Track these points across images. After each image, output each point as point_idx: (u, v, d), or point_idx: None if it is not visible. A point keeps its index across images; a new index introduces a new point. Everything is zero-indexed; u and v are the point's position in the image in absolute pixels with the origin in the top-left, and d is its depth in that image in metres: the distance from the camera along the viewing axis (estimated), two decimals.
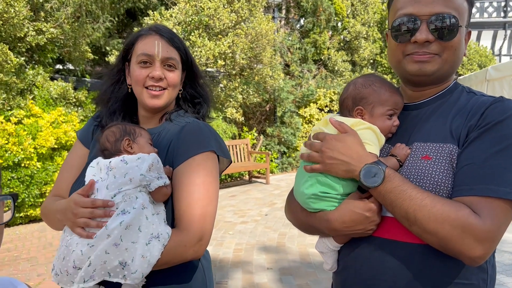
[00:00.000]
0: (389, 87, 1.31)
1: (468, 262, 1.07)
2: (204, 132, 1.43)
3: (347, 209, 1.20)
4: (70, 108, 7.45)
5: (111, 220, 1.23)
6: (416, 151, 1.20)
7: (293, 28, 12.78)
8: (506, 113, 1.12)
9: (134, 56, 1.47)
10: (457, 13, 1.19)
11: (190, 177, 1.35)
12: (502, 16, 17.16)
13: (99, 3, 7.18)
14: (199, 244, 1.31)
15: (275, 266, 4.67)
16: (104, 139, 1.39)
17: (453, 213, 1.04)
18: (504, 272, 4.41)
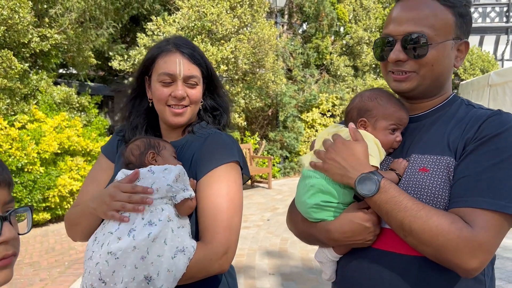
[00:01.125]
0: (395, 102, 1.32)
1: (463, 274, 1.08)
2: (227, 143, 1.43)
3: (346, 219, 1.22)
4: (73, 113, 7.49)
5: (139, 230, 1.20)
6: (413, 163, 1.21)
7: (296, 33, 12.82)
8: (503, 127, 1.13)
9: (155, 74, 1.45)
10: (431, 30, 1.20)
11: (215, 188, 1.33)
12: (504, 21, 17.17)
13: (103, 9, 7.23)
14: (224, 257, 1.28)
15: (277, 271, 4.67)
16: (128, 153, 1.39)
17: (447, 225, 1.05)
18: (506, 278, 4.40)
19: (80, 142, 6.82)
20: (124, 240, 1.19)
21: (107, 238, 1.22)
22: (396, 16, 1.25)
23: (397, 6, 1.27)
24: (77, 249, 5.51)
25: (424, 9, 1.21)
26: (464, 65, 15.09)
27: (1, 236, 0.77)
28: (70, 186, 6.48)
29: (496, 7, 17.25)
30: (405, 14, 1.23)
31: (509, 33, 17.00)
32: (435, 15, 1.21)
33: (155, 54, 1.46)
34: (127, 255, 1.17)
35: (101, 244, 1.22)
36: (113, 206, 1.24)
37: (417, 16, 1.21)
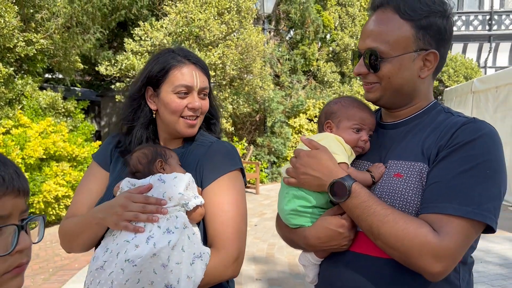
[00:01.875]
0: (358, 104, 1.40)
1: (429, 277, 1.11)
2: (231, 151, 1.46)
3: (321, 225, 1.26)
4: (59, 118, 7.43)
5: (159, 238, 1.19)
6: (389, 169, 1.25)
7: (283, 40, 12.92)
8: (476, 134, 1.16)
9: (168, 85, 1.44)
10: (386, 45, 1.24)
11: (223, 195, 1.36)
12: (487, 29, 17.54)
13: (90, 15, 7.21)
14: (236, 263, 1.31)
15: (264, 276, 4.69)
16: (135, 161, 1.39)
17: (413, 231, 1.09)
18: (489, 282, 4.48)
19: (66, 148, 6.76)
20: (143, 248, 1.17)
21: (123, 247, 1.20)
22: (363, 30, 1.32)
23: (368, 19, 1.34)
24: (62, 256, 5.45)
25: (383, 25, 1.25)
26: (448, 72, 15.36)
27: (18, 245, 0.78)
28: (56, 192, 6.41)
29: (479, 15, 17.61)
30: (368, 29, 1.29)
31: (492, 41, 17.36)
32: (391, 30, 1.24)
33: (168, 65, 1.45)
34: (145, 262, 1.16)
35: (116, 253, 1.20)
36: (125, 216, 1.23)
37: (375, 32, 1.26)
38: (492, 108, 9.55)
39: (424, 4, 1.24)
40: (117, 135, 1.60)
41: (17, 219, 0.81)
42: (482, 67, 17.15)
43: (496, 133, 1.20)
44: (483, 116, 9.99)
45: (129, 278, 1.15)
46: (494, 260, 5.16)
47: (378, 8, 1.29)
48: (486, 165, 1.13)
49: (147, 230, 1.22)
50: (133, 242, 1.20)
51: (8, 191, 0.78)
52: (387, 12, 1.26)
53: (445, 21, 1.26)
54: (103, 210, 1.31)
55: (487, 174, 1.12)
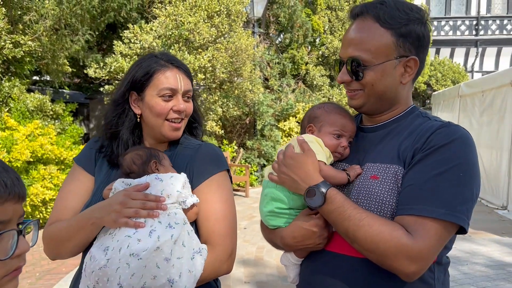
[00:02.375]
0: (340, 111, 1.44)
1: (404, 278, 1.15)
2: (218, 153, 1.53)
3: (296, 225, 1.32)
4: (47, 121, 7.36)
5: (162, 232, 1.22)
6: (366, 171, 1.28)
7: (273, 43, 12.96)
8: (450, 138, 1.20)
9: (153, 89, 1.46)
10: (367, 54, 1.27)
11: (215, 194, 1.43)
12: (474, 34, 17.79)
13: (79, 17, 7.16)
14: (230, 259, 1.38)
15: (252, 279, 4.69)
16: (130, 162, 1.41)
17: (387, 234, 1.12)
18: (475, 284, 4.54)
19: (54, 151, 6.70)
20: (146, 241, 1.19)
21: (125, 242, 1.21)
22: (344, 39, 1.35)
23: (349, 27, 1.36)
24: (48, 260, 5.38)
25: (364, 33, 1.28)
26: (436, 76, 15.53)
27: (17, 250, 0.80)
28: (43, 195, 6.35)
29: (466, 20, 17.86)
30: (349, 38, 1.32)
31: (478, 45, 17.62)
32: (373, 39, 1.27)
33: (151, 70, 1.47)
34: (150, 256, 1.17)
35: (118, 249, 1.20)
36: (125, 213, 1.25)
37: (357, 41, 1.29)
38: (478, 112, 9.69)
39: (403, 12, 1.28)
40: (99, 139, 1.60)
41: (15, 224, 0.83)
42: (469, 72, 17.38)
43: (470, 137, 1.24)
44: (469, 120, 10.13)
45: (135, 272, 1.16)
46: (480, 262, 5.23)
47: (358, 17, 1.32)
48: (459, 168, 1.16)
49: (147, 225, 1.24)
50: (135, 236, 1.21)
51: (10, 196, 0.80)
52: (367, 20, 1.29)
53: (423, 28, 1.30)
54: (99, 210, 1.31)
55: (460, 177, 1.16)
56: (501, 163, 8.44)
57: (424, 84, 15.35)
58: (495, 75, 9.20)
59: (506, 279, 4.69)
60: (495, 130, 8.82)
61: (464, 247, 5.77)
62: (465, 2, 17.87)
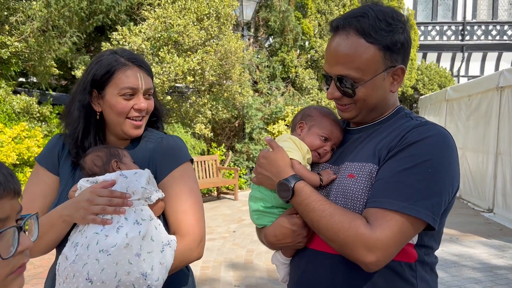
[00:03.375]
0: (334, 119, 1.48)
1: (364, 268, 1.17)
2: (181, 144, 1.56)
3: (277, 224, 1.36)
4: (34, 123, 7.26)
5: (130, 228, 1.27)
6: (344, 170, 1.32)
7: (262, 46, 12.99)
8: (422, 136, 1.22)
9: (114, 88, 1.46)
10: (358, 71, 1.26)
11: (180, 186, 1.46)
12: (460, 39, 18.05)
13: (66, 19, 7.09)
14: (200, 246, 1.43)
15: (242, 283, 4.67)
16: (91, 164, 1.43)
17: (347, 223, 1.16)
18: (462, 286, 4.59)
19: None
20: (114, 237, 1.24)
21: (93, 239, 1.25)
22: (329, 55, 1.32)
23: (331, 41, 1.32)
24: (35, 264, 5.31)
25: (350, 50, 1.25)
26: (423, 80, 15.72)
27: (19, 246, 0.80)
28: None
29: (452, 25, 18.12)
30: (334, 55, 1.29)
31: (464, 50, 17.88)
32: (360, 56, 1.25)
33: (112, 68, 1.46)
34: (120, 252, 1.22)
35: (86, 246, 1.24)
36: (92, 210, 1.28)
37: (344, 59, 1.27)
38: (465, 116, 9.82)
39: (385, 22, 1.25)
40: (61, 137, 1.59)
41: (14, 220, 0.82)
42: (455, 76, 17.62)
43: (446, 135, 1.24)
44: (456, 123, 10.27)
45: (104, 267, 1.20)
46: (468, 264, 5.29)
47: (339, 30, 1.30)
48: (428, 164, 1.17)
49: (114, 222, 1.28)
50: (103, 233, 1.26)
51: (5, 193, 0.79)
52: (350, 36, 1.26)
53: (405, 34, 1.30)
54: (68, 207, 1.34)
55: (428, 173, 1.17)
56: (487, 166, 8.56)
57: (411, 89, 15.52)
58: (481, 80, 9.34)
59: (493, 281, 4.75)
60: (481, 134, 8.95)
61: (452, 249, 5.83)
62: (451, 8, 18.14)
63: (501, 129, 8.09)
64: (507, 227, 7.24)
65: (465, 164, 9.63)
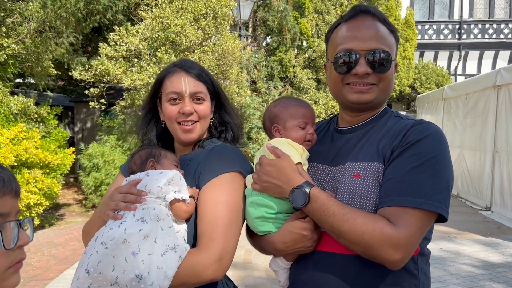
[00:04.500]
0: (296, 102, 1.50)
1: (390, 266, 1.20)
2: (230, 154, 1.48)
3: (286, 230, 1.33)
4: (32, 124, 7.25)
5: (130, 224, 1.27)
6: (348, 170, 1.33)
7: (260, 46, 12.98)
8: (423, 134, 1.27)
9: (164, 95, 1.53)
10: (389, 48, 1.36)
11: (214, 195, 1.37)
12: (456, 38, 18.09)
13: (63, 20, 7.08)
14: (218, 264, 1.28)
15: (241, 283, 4.68)
16: (132, 162, 1.50)
17: (371, 225, 1.18)
18: (460, 284, 4.60)
19: (39, 154, 6.60)
20: (114, 231, 1.26)
21: (101, 231, 1.30)
22: (355, 34, 1.37)
23: (350, 25, 1.39)
24: (33, 266, 5.30)
25: (381, 30, 1.37)
26: (421, 79, 15.74)
27: (19, 241, 0.85)
28: (27, 200, 6.24)
29: (449, 24, 18.15)
30: (366, 32, 1.36)
31: (461, 49, 17.91)
32: (388, 37, 1.38)
33: (162, 76, 1.55)
34: (117, 247, 1.22)
35: (95, 237, 1.29)
36: (110, 205, 1.35)
37: (378, 35, 1.36)
38: (462, 114, 9.85)
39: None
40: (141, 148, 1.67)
41: (14, 218, 0.87)
42: (452, 75, 17.65)
43: (441, 132, 1.32)
44: (453, 122, 10.29)
45: (101, 260, 1.21)
46: (466, 262, 5.31)
47: (366, 14, 1.38)
48: (434, 160, 1.23)
49: (124, 217, 1.31)
50: (109, 226, 1.29)
51: (7, 191, 0.85)
52: (377, 21, 1.37)
53: None
54: (101, 205, 1.44)
55: (436, 169, 1.22)
56: (484, 164, 8.59)
57: (409, 87, 15.54)
58: (478, 78, 9.37)
59: (491, 279, 4.76)
60: (478, 132, 8.98)
61: (450, 247, 5.85)
62: (448, 7, 18.17)
63: (498, 128, 8.12)
64: (505, 225, 7.27)
65: (463, 162, 9.65)
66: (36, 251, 5.91)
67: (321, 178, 1.41)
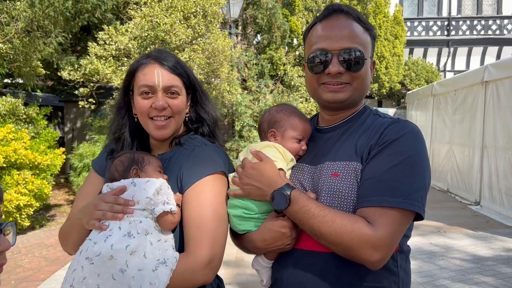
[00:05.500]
0: (300, 115, 1.50)
1: (370, 266, 1.21)
2: (211, 155, 1.43)
3: (265, 228, 1.35)
4: (20, 125, 7.18)
5: (117, 239, 1.21)
6: (327, 169, 1.33)
7: (250, 44, 12.97)
8: (400, 133, 1.28)
9: (136, 88, 1.44)
10: (362, 47, 1.37)
11: (198, 199, 1.34)
12: (445, 34, 18.22)
13: (51, 19, 7.01)
14: (208, 268, 1.28)
15: (234, 281, 4.69)
16: (113, 169, 1.40)
17: (349, 226, 1.18)
18: (450, 278, 4.66)
19: (28, 155, 6.54)
20: (100, 245, 1.20)
21: (86, 245, 1.25)
22: (328, 33, 1.38)
23: (324, 24, 1.40)
24: (24, 267, 5.27)
25: (354, 29, 1.37)
26: (410, 75, 15.85)
27: (0, 246, 0.84)
28: (17, 201, 6.19)
29: (437, 21, 18.28)
30: (339, 31, 1.37)
31: (450, 45, 18.05)
32: (361, 35, 1.38)
33: (134, 68, 1.46)
34: (103, 263, 1.17)
35: (80, 251, 1.25)
36: (94, 215, 1.28)
37: (351, 34, 1.36)
38: (451, 110, 9.94)
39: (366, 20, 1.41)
40: (111, 142, 1.62)
41: None
42: (441, 71, 17.78)
43: (418, 131, 1.32)
44: (443, 118, 10.39)
45: (86, 276, 1.17)
46: (455, 256, 5.37)
47: (340, 13, 1.39)
48: (411, 159, 1.24)
49: (108, 229, 1.25)
50: (93, 240, 1.24)
51: None
52: (351, 20, 1.38)
53: None
54: (81, 211, 1.37)
55: (413, 168, 1.23)
56: (473, 160, 8.68)
57: (399, 84, 15.64)
58: (467, 74, 9.46)
59: (480, 272, 4.83)
60: (467, 128, 9.07)
61: (439, 242, 5.91)
62: (437, 3, 18.29)
63: (486, 123, 8.21)
64: (494, 219, 7.36)
65: (452, 158, 9.75)
66: (27, 253, 5.87)
67: (301, 178, 1.41)
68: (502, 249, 5.68)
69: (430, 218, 7.08)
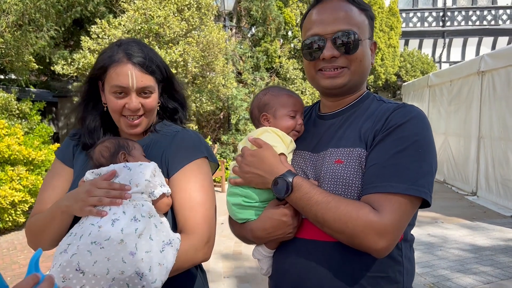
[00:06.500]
0: (286, 91, 1.47)
1: (375, 254, 1.18)
2: (196, 140, 1.48)
3: (266, 217, 1.32)
4: (14, 120, 7.11)
5: (126, 223, 1.20)
6: (330, 156, 1.30)
7: (245, 37, 12.89)
8: (406, 117, 1.24)
9: (107, 84, 1.42)
10: (357, 28, 1.32)
11: (190, 182, 1.38)
12: (441, 25, 18.20)
13: (43, 12, 6.91)
14: (207, 246, 1.35)
15: (232, 274, 4.68)
16: (98, 155, 1.38)
17: (354, 213, 1.15)
18: (449, 268, 4.67)
19: (22, 151, 6.48)
20: (108, 229, 1.18)
21: (87, 229, 1.21)
22: (321, 18, 1.35)
23: (317, 9, 1.37)
24: (20, 263, 5.23)
25: (347, 11, 1.33)
26: (406, 67, 15.84)
27: None
28: (12, 197, 6.13)
29: (433, 12, 18.25)
30: (331, 15, 1.33)
31: (445, 36, 18.04)
32: (356, 16, 1.34)
33: (106, 64, 1.42)
34: (113, 247, 1.16)
35: (79, 236, 1.21)
36: (90, 201, 1.25)
37: (344, 16, 1.32)
38: (446, 101, 9.94)
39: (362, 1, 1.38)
40: (77, 130, 1.58)
41: None
42: (437, 62, 17.78)
43: (424, 115, 1.29)
44: (438, 109, 10.39)
45: (97, 260, 1.15)
46: (453, 246, 5.38)
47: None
48: (417, 144, 1.20)
49: (110, 214, 1.23)
50: (97, 224, 1.21)
51: None
52: (344, 2, 1.34)
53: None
54: (68, 199, 1.32)
55: (419, 153, 1.20)
56: (469, 150, 8.69)
57: (395, 75, 15.63)
58: (462, 65, 9.44)
59: (478, 262, 4.84)
60: (462, 118, 9.07)
61: (437, 232, 5.92)
62: None
63: (482, 113, 8.21)
64: (491, 209, 7.38)
65: (448, 149, 9.76)
66: (23, 249, 5.83)
67: (303, 165, 1.38)
68: (499, 239, 5.69)
69: (427, 209, 7.09)
